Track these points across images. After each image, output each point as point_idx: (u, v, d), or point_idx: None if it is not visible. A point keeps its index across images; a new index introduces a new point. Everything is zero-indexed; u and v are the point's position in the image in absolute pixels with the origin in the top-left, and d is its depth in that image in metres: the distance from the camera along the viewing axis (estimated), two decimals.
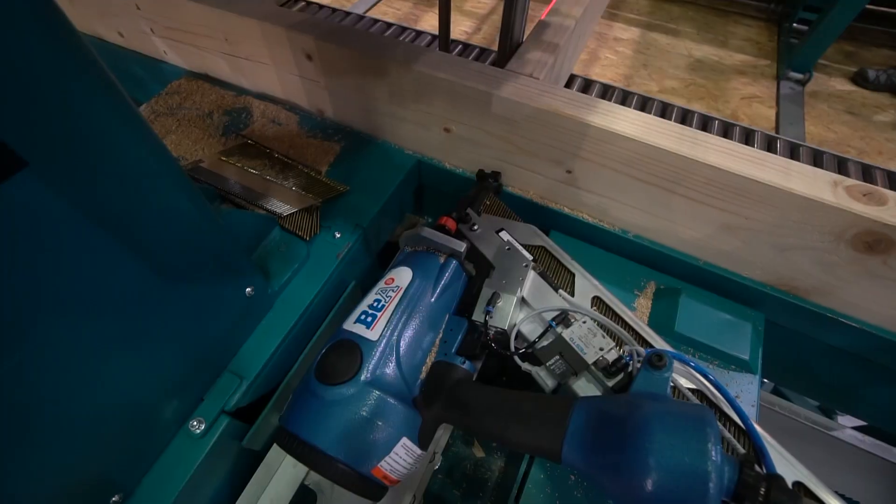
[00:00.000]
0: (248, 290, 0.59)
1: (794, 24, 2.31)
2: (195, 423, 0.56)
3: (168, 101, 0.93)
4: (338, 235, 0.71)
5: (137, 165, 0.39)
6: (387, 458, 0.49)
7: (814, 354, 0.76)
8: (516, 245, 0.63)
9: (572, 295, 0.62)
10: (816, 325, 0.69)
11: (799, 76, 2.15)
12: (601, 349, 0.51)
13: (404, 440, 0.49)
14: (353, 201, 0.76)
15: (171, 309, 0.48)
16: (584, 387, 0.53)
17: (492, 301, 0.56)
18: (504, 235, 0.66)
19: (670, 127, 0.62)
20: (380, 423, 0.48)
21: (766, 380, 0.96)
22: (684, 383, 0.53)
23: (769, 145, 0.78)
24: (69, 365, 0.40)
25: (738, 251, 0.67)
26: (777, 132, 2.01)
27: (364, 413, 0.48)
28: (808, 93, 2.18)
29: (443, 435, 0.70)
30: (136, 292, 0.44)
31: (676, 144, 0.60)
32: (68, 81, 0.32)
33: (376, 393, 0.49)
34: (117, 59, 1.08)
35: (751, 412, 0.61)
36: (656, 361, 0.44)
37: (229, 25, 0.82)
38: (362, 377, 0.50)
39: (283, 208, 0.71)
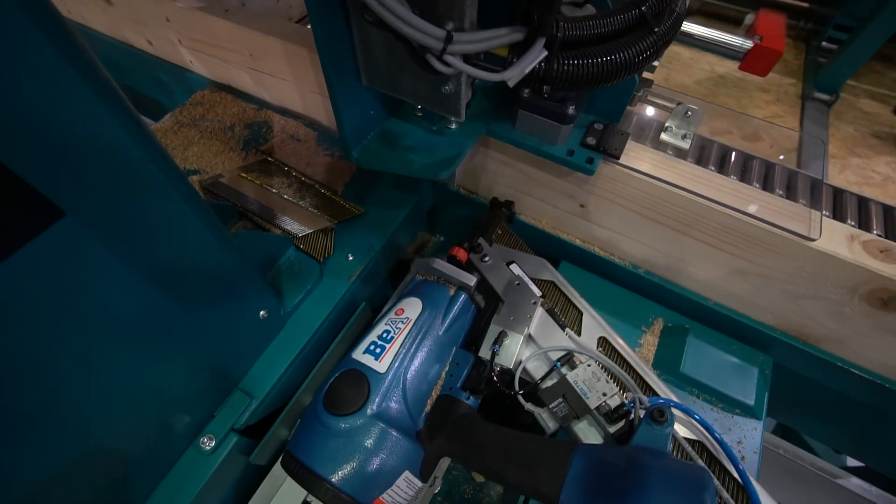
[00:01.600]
0: (261, 312, 0.60)
1: (823, 43, 2.25)
2: (205, 440, 0.58)
3: (192, 112, 0.95)
4: (351, 258, 0.73)
5: (164, 204, 0.41)
6: (388, 491, 0.50)
7: (822, 400, 0.76)
8: (526, 280, 0.64)
9: (579, 334, 0.62)
10: (826, 372, 0.69)
11: (825, 97, 2.10)
12: (604, 394, 0.52)
13: (406, 473, 0.50)
14: (367, 223, 0.77)
15: (188, 332, 0.50)
16: (586, 430, 0.53)
17: (499, 340, 0.57)
18: (514, 269, 0.67)
19: (685, 168, 0.62)
20: (383, 456, 0.49)
21: (770, 417, 0.95)
22: (685, 433, 0.53)
23: (789, 181, 0.76)
24: (84, 386, 0.42)
25: (749, 295, 0.67)
26: (799, 152, 1.97)
27: (368, 445, 0.49)
28: (834, 114, 2.13)
29: (444, 460, 0.71)
30: (154, 319, 0.45)
31: (691, 188, 0.60)
32: (105, 132, 0.34)
33: (381, 426, 0.50)
34: (145, 64, 1.11)
35: (753, 458, 0.61)
36: (658, 416, 0.45)
37: (254, 42, 0.84)
38: (368, 410, 0.51)
39: (298, 229, 0.72)
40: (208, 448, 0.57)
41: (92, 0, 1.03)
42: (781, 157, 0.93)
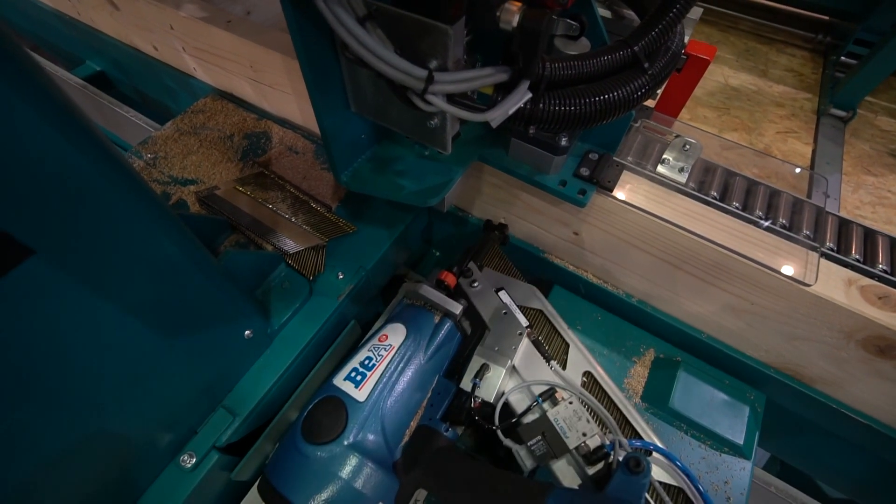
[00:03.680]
0: (247, 332, 0.60)
1: (842, 58, 2.19)
2: (186, 457, 0.58)
3: (193, 120, 0.95)
4: (341, 276, 0.72)
5: (141, 238, 0.41)
6: None
7: (817, 439, 0.74)
8: (513, 309, 0.63)
9: (564, 367, 0.61)
10: (821, 412, 0.67)
11: (841, 114, 2.05)
12: (584, 434, 0.51)
13: None
14: (360, 241, 0.76)
15: (169, 355, 0.50)
16: (564, 469, 0.52)
17: (480, 373, 0.56)
18: (503, 296, 0.66)
19: (680, 203, 0.61)
20: (357, 488, 0.49)
21: (764, 450, 0.93)
22: (665, 477, 0.52)
23: (793, 210, 0.74)
24: (60, 406, 0.42)
25: (742, 331, 0.65)
26: (812, 169, 1.92)
27: (343, 475, 0.49)
28: (849, 131, 2.08)
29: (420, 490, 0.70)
30: (134, 345, 0.45)
31: (685, 224, 0.58)
32: (73, 169, 0.33)
33: (357, 457, 0.50)
34: (151, 69, 1.12)
35: (741, 500, 0.60)
36: (633, 466, 0.44)
37: (255, 55, 0.84)
38: (345, 440, 0.51)
39: (289, 245, 0.72)
40: (188, 465, 0.58)
41: (100, 4, 1.04)
42: (798, 169, 0.90)
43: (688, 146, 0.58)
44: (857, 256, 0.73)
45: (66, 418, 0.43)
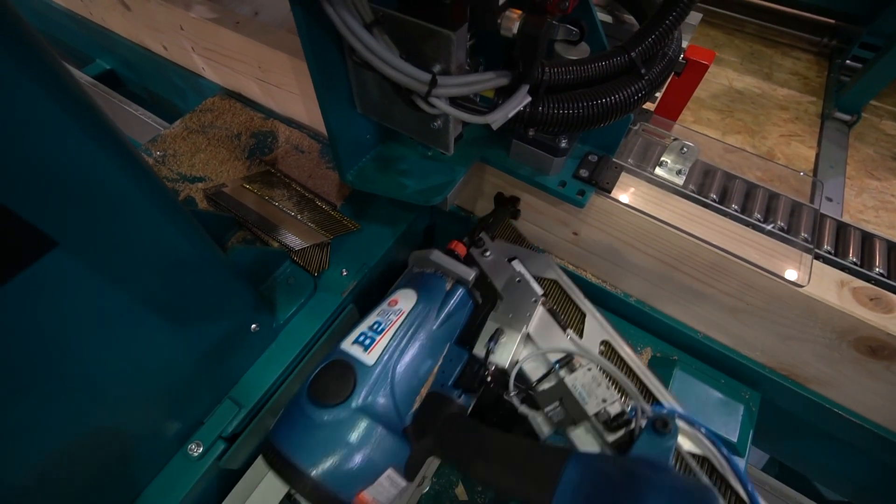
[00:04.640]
0: (253, 326, 0.62)
1: (848, 62, 2.20)
2: (193, 446, 0.60)
3: (201, 119, 0.97)
4: (345, 273, 0.74)
5: (156, 234, 0.42)
6: (370, 487, 0.49)
7: (810, 438, 0.75)
8: (527, 277, 0.61)
9: (581, 336, 0.59)
10: (815, 412, 0.68)
11: (846, 117, 2.06)
12: (604, 400, 0.49)
13: (390, 471, 0.49)
14: (364, 239, 0.78)
15: (178, 346, 0.52)
16: (583, 437, 0.50)
17: (494, 337, 0.55)
18: (516, 265, 0.64)
19: (678, 204, 0.62)
20: (366, 452, 0.48)
21: (761, 450, 0.94)
22: (689, 446, 0.50)
23: (792, 213, 0.75)
24: (73, 396, 0.44)
25: (738, 331, 0.66)
26: (815, 174, 1.93)
27: (351, 439, 0.48)
28: (854, 134, 2.08)
29: (433, 459, 0.69)
30: (144, 335, 0.47)
31: (681, 226, 0.59)
32: (96, 167, 0.35)
33: (366, 420, 0.49)
34: (161, 68, 1.14)
35: None
36: (660, 427, 0.42)
37: (262, 55, 0.86)
38: (354, 403, 0.49)
39: (295, 242, 0.74)
40: (196, 454, 0.59)
41: (112, 5, 1.06)
42: (802, 172, 0.91)
43: (685, 149, 0.60)
44: (855, 259, 0.74)
45: (77, 408, 0.44)
